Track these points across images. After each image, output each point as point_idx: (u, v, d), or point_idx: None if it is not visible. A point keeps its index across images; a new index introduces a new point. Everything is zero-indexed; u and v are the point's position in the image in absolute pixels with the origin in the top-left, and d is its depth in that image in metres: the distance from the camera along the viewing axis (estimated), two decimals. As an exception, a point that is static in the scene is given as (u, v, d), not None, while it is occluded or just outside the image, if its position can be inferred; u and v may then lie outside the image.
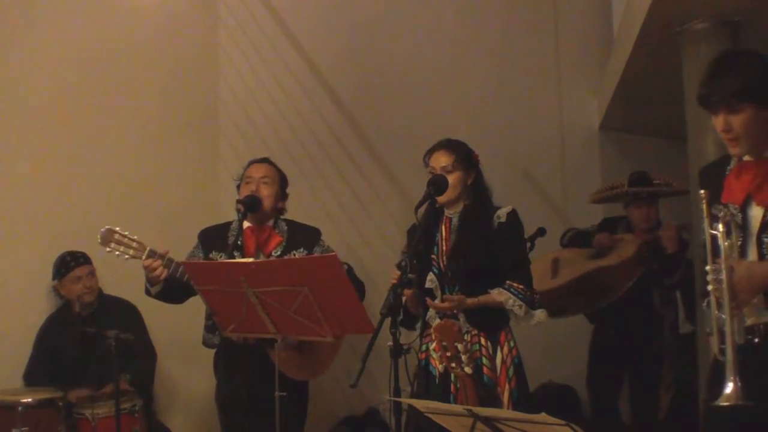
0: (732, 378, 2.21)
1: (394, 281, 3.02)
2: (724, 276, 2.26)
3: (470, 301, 3.15)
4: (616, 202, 4.91)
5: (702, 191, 2.46)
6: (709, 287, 2.31)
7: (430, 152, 3.34)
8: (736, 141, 2.41)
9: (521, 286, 3.16)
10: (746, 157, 2.46)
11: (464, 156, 3.30)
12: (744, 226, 2.43)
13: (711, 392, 2.34)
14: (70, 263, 4.41)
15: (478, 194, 3.31)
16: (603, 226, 4.78)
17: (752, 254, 2.37)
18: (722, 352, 2.29)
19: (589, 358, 4.86)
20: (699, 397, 3.98)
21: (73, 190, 4.85)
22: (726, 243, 2.32)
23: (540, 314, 3.19)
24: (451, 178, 3.24)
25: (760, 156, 2.43)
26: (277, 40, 5.35)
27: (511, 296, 3.14)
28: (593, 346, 4.83)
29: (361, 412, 5.19)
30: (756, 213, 2.43)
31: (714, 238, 2.36)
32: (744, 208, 2.44)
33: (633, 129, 5.81)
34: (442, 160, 3.27)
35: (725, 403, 2.20)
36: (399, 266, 3.00)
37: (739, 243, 2.42)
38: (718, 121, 2.42)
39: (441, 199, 3.24)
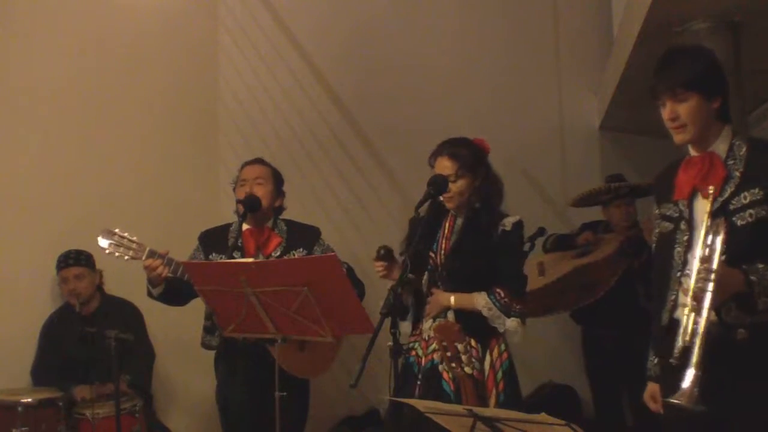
0: (692, 377, 2.20)
1: (382, 273, 3.09)
2: (712, 279, 2.24)
3: (451, 300, 3.14)
4: (595, 205, 4.93)
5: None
6: (691, 288, 2.28)
7: (435, 156, 3.27)
8: (683, 128, 2.48)
9: (502, 293, 3.12)
10: (693, 152, 2.53)
11: (470, 161, 3.22)
12: (691, 220, 2.49)
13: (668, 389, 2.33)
14: (61, 263, 4.43)
15: (486, 196, 3.24)
16: (583, 229, 4.83)
17: (699, 247, 2.38)
18: (683, 351, 2.28)
19: (584, 360, 4.87)
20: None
21: (73, 190, 4.86)
22: (710, 245, 2.30)
23: (511, 322, 3.12)
24: (456, 187, 3.19)
25: (704, 150, 2.50)
26: (277, 40, 5.35)
27: (489, 302, 3.12)
28: (585, 347, 4.85)
29: (361, 412, 5.19)
30: (702, 205, 2.46)
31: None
32: (691, 202, 2.50)
33: (633, 129, 5.80)
34: (445, 168, 3.21)
35: (678, 401, 2.20)
36: (378, 256, 3.12)
37: (686, 237, 2.48)
38: (666, 111, 2.50)
39: (449, 204, 3.23)
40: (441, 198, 3.21)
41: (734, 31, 4.00)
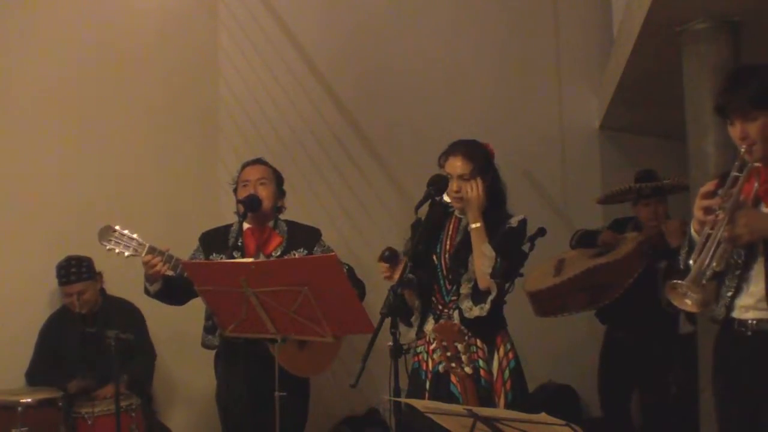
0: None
1: (386, 275, 3.06)
2: (728, 205, 2.38)
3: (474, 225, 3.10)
4: (623, 202, 4.89)
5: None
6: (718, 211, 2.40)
7: (446, 155, 3.21)
8: (753, 147, 2.51)
9: (506, 262, 3.07)
10: (757, 164, 2.55)
11: (482, 162, 3.18)
12: None
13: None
14: (62, 278, 4.37)
15: (493, 197, 3.19)
16: (613, 226, 4.76)
17: (760, 255, 2.47)
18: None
19: (599, 359, 4.83)
20: (700, 399, 3.99)
21: (72, 190, 4.86)
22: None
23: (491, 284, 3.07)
24: (470, 187, 3.13)
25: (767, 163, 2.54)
26: (277, 40, 5.35)
27: (492, 263, 3.05)
28: (603, 346, 4.80)
29: (361, 412, 5.19)
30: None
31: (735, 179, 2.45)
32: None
33: (633, 129, 5.81)
34: (458, 168, 3.15)
35: (680, 281, 2.38)
36: (383, 257, 3.06)
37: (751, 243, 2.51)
38: (735, 130, 2.53)
39: (457, 205, 3.19)
40: (449, 200, 3.17)
41: (734, 31, 4.00)
